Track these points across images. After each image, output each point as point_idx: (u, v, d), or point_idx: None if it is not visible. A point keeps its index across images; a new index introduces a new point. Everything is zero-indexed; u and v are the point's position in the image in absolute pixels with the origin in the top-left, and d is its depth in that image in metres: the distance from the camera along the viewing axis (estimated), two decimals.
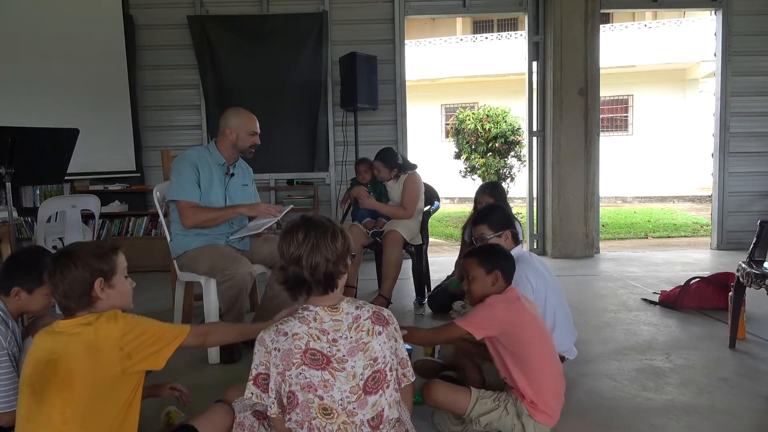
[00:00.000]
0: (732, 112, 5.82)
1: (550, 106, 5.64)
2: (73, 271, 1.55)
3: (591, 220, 5.66)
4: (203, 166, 2.95)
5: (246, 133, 2.99)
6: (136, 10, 5.61)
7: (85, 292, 1.56)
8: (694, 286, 3.67)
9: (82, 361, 1.48)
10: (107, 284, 1.59)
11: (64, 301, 1.57)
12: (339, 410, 1.48)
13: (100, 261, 1.59)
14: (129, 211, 5.64)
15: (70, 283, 1.55)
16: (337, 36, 5.68)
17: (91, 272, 1.57)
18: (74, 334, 1.52)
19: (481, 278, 2.01)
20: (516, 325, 1.92)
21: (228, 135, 2.97)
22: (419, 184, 3.91)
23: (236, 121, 2.98)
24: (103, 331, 1.52)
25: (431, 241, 5.59)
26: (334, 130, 5.72)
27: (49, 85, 5.26)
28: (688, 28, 13.00)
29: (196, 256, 2.91)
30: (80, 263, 1.56)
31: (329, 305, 1.56)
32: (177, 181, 2.89)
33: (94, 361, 1.49)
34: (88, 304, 1.58)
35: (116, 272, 1.63)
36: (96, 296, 1.57)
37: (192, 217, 2.88)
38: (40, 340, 1.56)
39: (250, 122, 3.02)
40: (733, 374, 2.57)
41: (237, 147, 3.00)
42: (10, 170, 2.89)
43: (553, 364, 1.97)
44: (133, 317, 1.59)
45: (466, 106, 12.35)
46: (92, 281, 1.57)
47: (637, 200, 13.02)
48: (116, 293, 1.62)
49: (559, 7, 5.47)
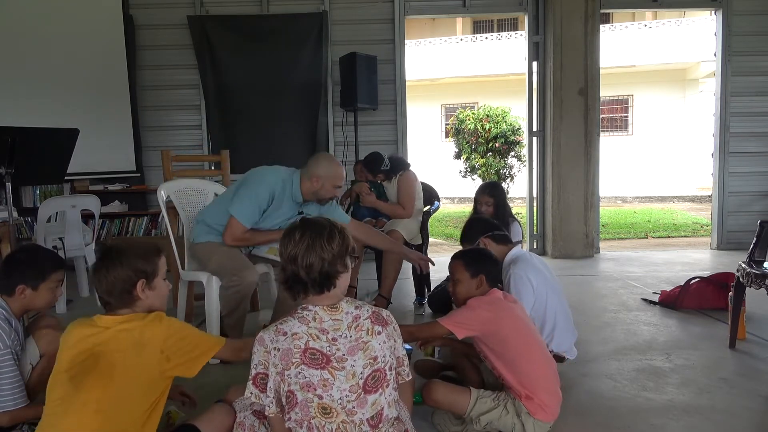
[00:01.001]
0: (732, 112, 5.83)
1: (550, 106, 5.64)
2: (117, 269, 1.60)
3: (591, 220, 5.66)
4: (280, 198, 2.87)
5: (331, 186, 2.89)
6: (136, 10, 5.61)
7: (126, 290, 1.61)
8: (694, 286, 3.67)
9: (125, 356, 1.53)
10: (148, 285, 1.64)
11: (106, 297, 1.62)
12: (338, 409, 1.48)
13: (144, 262, 1.64)
14: (129, 211, 5.64)
15: (114, 280, 1.59)
16: (337, 36, 5.68)
17: (135, 272, 1.62)
18: (121, 330, 1.57)
19: (465, 281, 2.05)
20: (497, 324, 1.95)
21: (314, 182, 2.86)
22: (413, 182, 3.88)
23: (326, 172, 2.86)
24: (149, 331, 1.58)
25: (431, 241, 5.59)
26: (334, 130, 5.72)
27: (49, 85, 5.26)
28: (688, 28, 13.01)
29: (211, 250, 2.88)
30: (126, 262, 1.61)
31: (329, 305, 1.56)
32: (245, 201, 2.80)
33: (137, 358, 1.54)
34: (129, 302, 1.62)
35: (158, 274, 1.68)
36: (137, 296, 1.62)
37: (236, 239, 2.83)
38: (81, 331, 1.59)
39: (338, 176, 2.91)
40: (733, 374, 2.57)
41: (317, 194, 2.92)
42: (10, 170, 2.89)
43: (542, 361, 1.98)
44: (176, 321, 1.65)
45: (466, 106, 12.35)
46: (135, 281, 1.61)
47: (637, 200, 13.02)
48: (155, 295, 1.67)
49: (559, 7, 5.47)
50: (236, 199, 2.81)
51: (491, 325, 1.95)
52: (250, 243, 2.92)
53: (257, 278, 2.86)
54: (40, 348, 2.01)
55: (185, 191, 3.35)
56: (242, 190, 2.83)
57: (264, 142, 5.64)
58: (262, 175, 2.88)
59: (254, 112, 5.64)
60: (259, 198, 2.81)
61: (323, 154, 3.08)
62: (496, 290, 2.06)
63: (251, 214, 2.81)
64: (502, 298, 2.04)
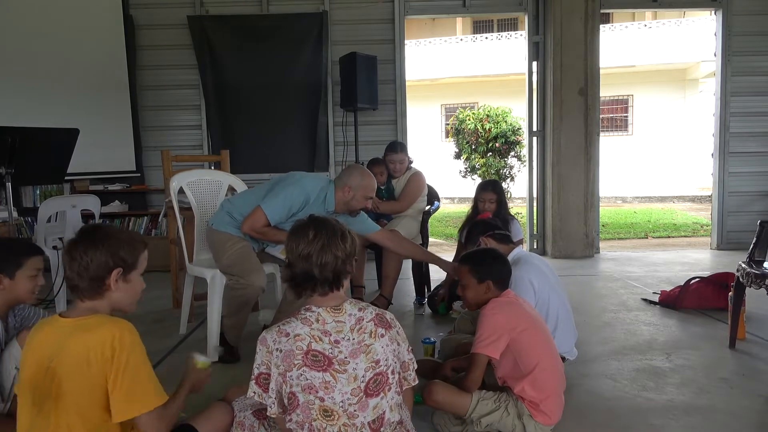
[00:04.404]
0: (732, 112, 5.82)
1: (550, 106, 5.64)
2: (95, 251, 1.45)
3: (591, 220, 5.66)
4: (313, 205, 2.87)
5: (363, 197, 2.92)
6: (136, 10, 5.61)
7: (99, 276, 1.46)
8: (694, 286, 3.67)
9: (74, 374, 1.38)
10: (123, 277, 1.50)
11: (75, 279, 1.46)
12: (340, 412, 1.47)
13: (126, 250, 1.50)
14: (129, 211, 5.64)
15: (88, 262, 1.44)
16: (337, 36, 5.68)
17: (114, 259, 1.47)
18: (71, 338, 1.41)
19: (473, 287, 2.03)
20: (517, 328, 1.92)
21: (346, 192, 2.89)
22: (423, 183, 3.95)
23: (359, 183, 2.89)
24: (99, 343, 1.38)
25: (431, 241, 5.59)
26: (334, 130, 5.72)
27: (49, 85, 5.25)
28: (688, 28, 13.01)
29: (227, 245, 2.84)
30: (106, 245, 1.46)
31: (332, 306, 1.56)
32: (279, 198, 2.80)
33: (85, 377, 1.38)
34: (98, 291, 1.47)
35: (137, 267, 1.54)
36: (108, 285, 1.47)
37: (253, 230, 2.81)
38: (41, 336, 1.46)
39: (370, 188, 2.94)
40: (733, 374, 2.57)
41: (348, 205, 2.93)
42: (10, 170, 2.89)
43: (554, 365, 1.97)
44: (138, 348, 1.44)
45: (466, 106, 12.34)
46: (111, 268, 1.47)
47: (637, 200, 13.02)
48: (127, 288, 1.52)
49: (559, 7, 5.47)
50: (271, 195, 2.81)
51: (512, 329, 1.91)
52: (264, 238, 2.91)
53: (265, 284, 2.84)
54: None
55: (198, 182, 3.33)
56: (279, 188, 2.84)
57: (264, 142, 5.64)
58: (301, 178, 2.89)
59: (254, 112, 5.64)
60: (292, 199, 2.81)
61: (356, 165, 3.11)
62: (509, 291, 2.04)
63: (279, 213, 2.81)
64: (514, 300, 2.02)
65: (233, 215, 2.90)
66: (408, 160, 4.02)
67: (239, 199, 3.00)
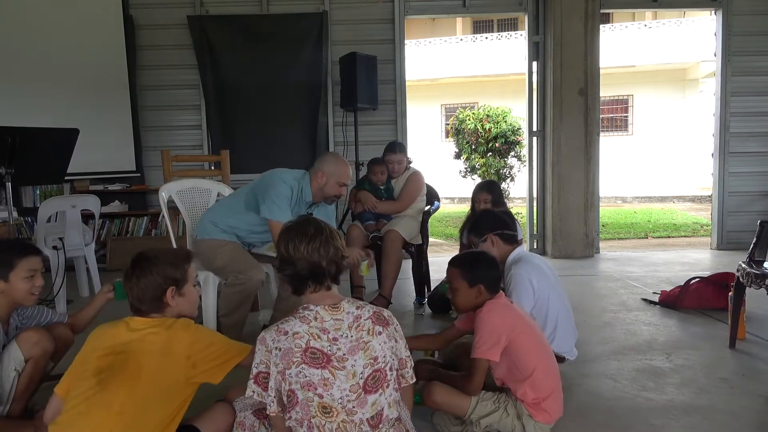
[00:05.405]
0: (732, 112, 5.82)
1: (550, 106, 5.64)
2: (148, 277, 1.63)
3: (591, 220, 5.66)
4: (295, 197, 2.94)
5: (335, 183, 2.96)
6: (136, 10, 5.61)
7: (156, 297, 1.65)
8: (694, 286, 3.66)
9: (153, 360, 1.56)
10: (178, 292, 1.68)
11: (137, 304, 1.66)
12: (338, 409, 1.48)
13: (173, 269, 1.67)
14: (129, 211, 5.64)
15: (144, 288, 1.63)
16: (337, 36, 5.68)
17: (165, 280, 1.65)
18: (150, 333, 1.60)
19: (464, 290, 2.01)
20: (515, 329, 1.92)
21: (319, 178, 2.94)
22: (422, 183, 3.95)
23: (331, 168, 2.95)
24: (177, 338, 1.60)
25: (431, 241, 5.59)
26: (334, 130, 5.72)
27: (49, 85, 5.26)
28: (688, 28, 13.01)
29: (217, 248, 2.88)
30: (156, 270, 1.64)
31: (330, 304, 1.57)
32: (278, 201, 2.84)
33: (163, 363, 1.56)
34: (159, 308, 1.66)
35: (187, 281, 1.71)
36: (167, 303, 1.66)
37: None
38: (113, 332, 1.61)
39: (344, 174, 2.99)
40: (733, 374, 2.57)
41: (323, 192, 2.98)
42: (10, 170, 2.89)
43: (550, 366, 1.97)
44: (203, 329, 1.70)
45: (466, 106, 12.34)
46: (165, 288, 1.65)
47: (637, 200, 13.02)
48: (185, 301, 1.70)
49: (559, 7, 5.47)
50: (267, 202, 2.84)
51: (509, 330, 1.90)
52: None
53: (264, 277, 2.88)
54: (24, 352, 1.93)
55: (188, 191, 3.35)
56: (268, 192, 2.86)
57: (264, 142, 5.64)
58: (280, 174, 2.94)
59: (254, 112, 5.64)
60: (286, 195, 2.88)
61: (331, 153, 3.17)
62: (501, 295, 2.03)
63: (286, 211, 2.85)
64: (508, 303, 2.02)
65: (216, 223, 2.95)
66: (407, 160, 4.03)
67: (219, 206, 3.05)
